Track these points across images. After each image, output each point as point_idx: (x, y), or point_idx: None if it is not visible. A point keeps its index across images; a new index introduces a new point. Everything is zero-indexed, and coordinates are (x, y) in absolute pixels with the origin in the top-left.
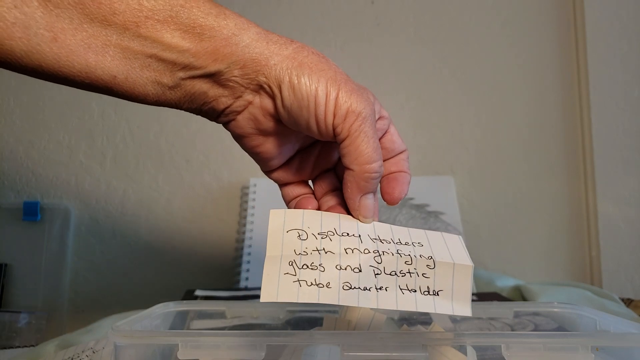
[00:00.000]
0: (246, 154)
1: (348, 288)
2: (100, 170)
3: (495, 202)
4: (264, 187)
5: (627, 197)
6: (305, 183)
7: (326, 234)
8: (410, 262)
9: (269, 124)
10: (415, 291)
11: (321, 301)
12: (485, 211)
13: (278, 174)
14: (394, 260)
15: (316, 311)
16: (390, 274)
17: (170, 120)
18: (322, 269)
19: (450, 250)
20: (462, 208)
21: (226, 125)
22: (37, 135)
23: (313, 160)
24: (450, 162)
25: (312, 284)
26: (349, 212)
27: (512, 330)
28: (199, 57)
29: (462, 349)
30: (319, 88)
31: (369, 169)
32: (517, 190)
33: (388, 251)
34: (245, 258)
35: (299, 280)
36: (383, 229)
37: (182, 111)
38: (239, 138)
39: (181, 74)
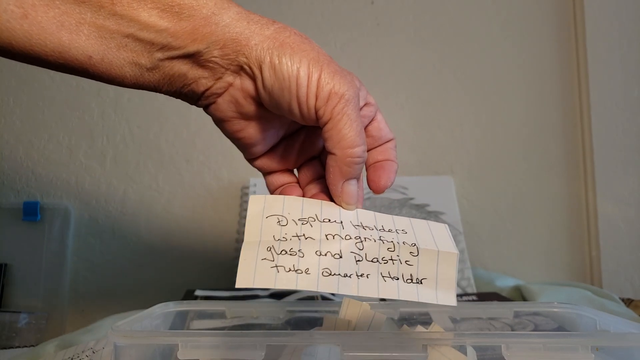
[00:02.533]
0: None
1: (328, 274)
2: (100, 170)
3: (495, 202)
4: (264, 187)
5: (627, 197)
6: (290, 171)
7: (307, 220)
8: (393, 249)
9: (250, 107)
10: (398, 279)
11: (299, 287)
12: (485, 211)
13: (262, 162)
14: (376, 247)
15: (316, 311)
16: (372, 261)
17: (170, 120)
18: (302, 255)
19: (435, 238)
20: (462, 208)
21: (207, 108)
22: (37, 135)
23: (297, 147)
24: (450, 162)
25: (290, 269)
26: (332, 200)
27: (512, 330)
28: (177, 37)
29: (462, 349)
30: (300, 69)
31: (351, 153)
32: (517, 190)
33: (370, 238)
34: None
35: (276, 266)
36: (366, 216)
37: (183, 111)
38: (219, 122)
39: (159, 55)
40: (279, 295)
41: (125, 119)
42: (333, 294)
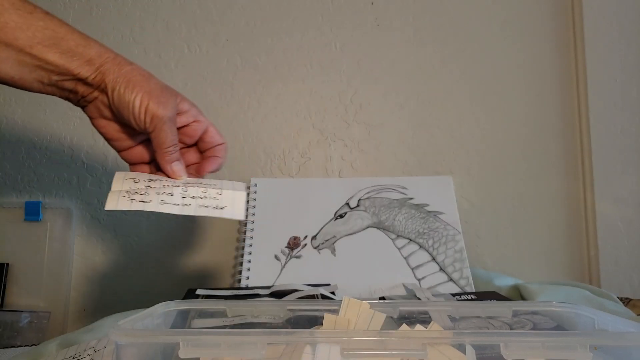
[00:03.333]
0: (248, 153)
1: (163, 203)
2: (101, 170)
3: (494, 201)
4: (264, 187)
5: (626, 197)
6: (147, 164)
7: (153, 179)
8: (206, 191)
9: (107, 113)
10: (208, 207)
11: (146, 209)
12: (484, 211)
13: (125, 155)
14: (196, 190)
15: (316, 310)
16: (192, 197)
17: None
18: (147, 194)
19: (234, 185)
20: (461, 208)
21: (83, 108)
22: (38, 135)
23: (151, 149)
24: (449, 162)
25: (140, 201)
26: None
27: (511, 329)
28: (69, 69)
29: (461, 348)
30: (136, 98)
31: (167, 150)
32: (515, 190)
33: (192, 184)
34: (246, 257)
35: (131, 199)
36: (191, 179)
37: None
38: (90, 118)
39: (56, 77)
40: (279, 294)
41: None
42: (333, 294)
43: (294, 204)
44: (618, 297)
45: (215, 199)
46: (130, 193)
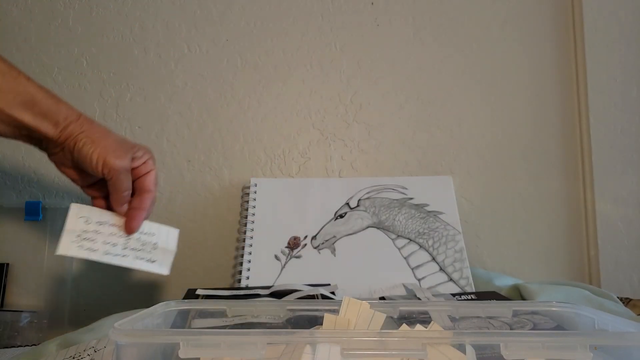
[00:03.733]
0: (248, 153)
1: (106, 254)
2: None
3: (494, 201)
4: (264, 187)
5: (626, 196)
6: (104, 198)
7: (102, 222)
8: (144, 244)
9: (69, 163)
10: (142, 259)
11: (90, 258)
12: (484, 211)
13: (86, 191)
14: (135, 243)
15: (316, 310)
16: (131, 249)
17: (171, 121)
18: (94, 241)
19: (168, 238)
20: (461, 208)
21: (48, 155)
22: None
23: (104, 187)
24: (449, 162)
25: (87, 248)
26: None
27: (511, 329)
28: (40, 128)
29: (461, 348)
30: (94, 152)
31: (123, 197)
32: (515, 190)
33: (133, 238)
34: (246, 257)
35: (80, 246)
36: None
37: (184, 112)
38: (55, 163)
39: (25, 132)
40: (279, 294)
41: (126, 119)
42: (333, 294)
43: (294, 204)
44: (618, 297)
45: (150, 253)
46: (80, 238)
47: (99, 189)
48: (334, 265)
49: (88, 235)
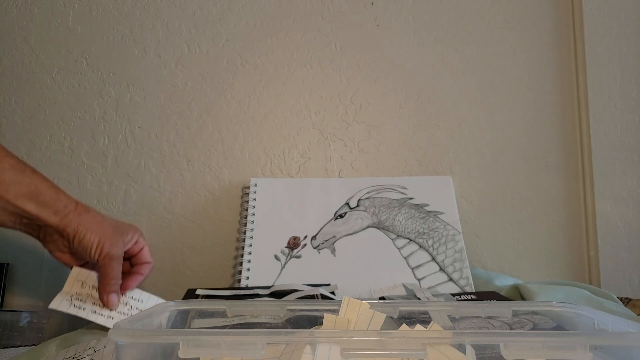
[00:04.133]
0: (247, 153)
1: (94, 313)
2: (101, 170)
3: (493, 201)
4: (264, 187)
5: (625, 196)
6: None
7: (97, 287)
8: (130, 310)
9: (65, 249)
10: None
11: (78, 315)
12: (484, 211)
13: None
14: (122, 307)
15: (316, 310)
16: (118, 312)
17: (171, 121)
18: (85, 302)
19: (146, 304)
20: (461, 208)
21: (43, 243)
22: (38, 135)
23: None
24: (449, 162)
25: (77, 306)
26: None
27: (511, 329)
28: (40, 217)
29: (461, 348)
30: (93, 242)
31: (110, 283)
32: (515, 190)
33: (122, 302)
34: (246, 257)
35: (71, 303)
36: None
37: (184, 112)
38: (50, 251)
39: (27, 221)
40: (279, 294)
41: (126, 120)
42: (333, 294)
43: (294, 204)
44: (618, 297)
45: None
46: (73, 298)
47: (90, 268)
48: (333, 265)
49: (81, 297)
